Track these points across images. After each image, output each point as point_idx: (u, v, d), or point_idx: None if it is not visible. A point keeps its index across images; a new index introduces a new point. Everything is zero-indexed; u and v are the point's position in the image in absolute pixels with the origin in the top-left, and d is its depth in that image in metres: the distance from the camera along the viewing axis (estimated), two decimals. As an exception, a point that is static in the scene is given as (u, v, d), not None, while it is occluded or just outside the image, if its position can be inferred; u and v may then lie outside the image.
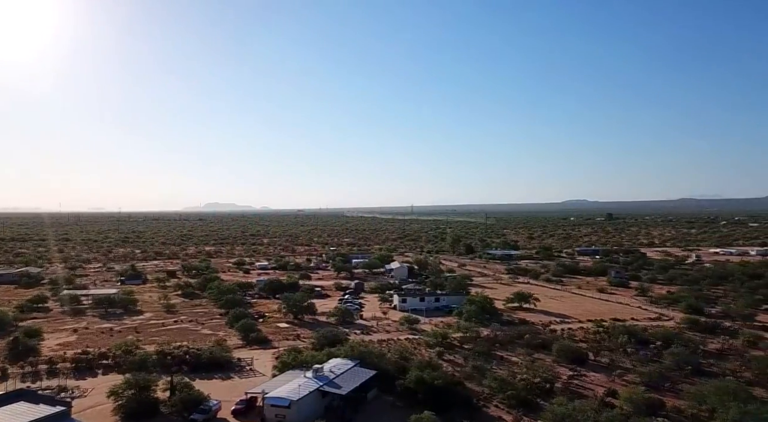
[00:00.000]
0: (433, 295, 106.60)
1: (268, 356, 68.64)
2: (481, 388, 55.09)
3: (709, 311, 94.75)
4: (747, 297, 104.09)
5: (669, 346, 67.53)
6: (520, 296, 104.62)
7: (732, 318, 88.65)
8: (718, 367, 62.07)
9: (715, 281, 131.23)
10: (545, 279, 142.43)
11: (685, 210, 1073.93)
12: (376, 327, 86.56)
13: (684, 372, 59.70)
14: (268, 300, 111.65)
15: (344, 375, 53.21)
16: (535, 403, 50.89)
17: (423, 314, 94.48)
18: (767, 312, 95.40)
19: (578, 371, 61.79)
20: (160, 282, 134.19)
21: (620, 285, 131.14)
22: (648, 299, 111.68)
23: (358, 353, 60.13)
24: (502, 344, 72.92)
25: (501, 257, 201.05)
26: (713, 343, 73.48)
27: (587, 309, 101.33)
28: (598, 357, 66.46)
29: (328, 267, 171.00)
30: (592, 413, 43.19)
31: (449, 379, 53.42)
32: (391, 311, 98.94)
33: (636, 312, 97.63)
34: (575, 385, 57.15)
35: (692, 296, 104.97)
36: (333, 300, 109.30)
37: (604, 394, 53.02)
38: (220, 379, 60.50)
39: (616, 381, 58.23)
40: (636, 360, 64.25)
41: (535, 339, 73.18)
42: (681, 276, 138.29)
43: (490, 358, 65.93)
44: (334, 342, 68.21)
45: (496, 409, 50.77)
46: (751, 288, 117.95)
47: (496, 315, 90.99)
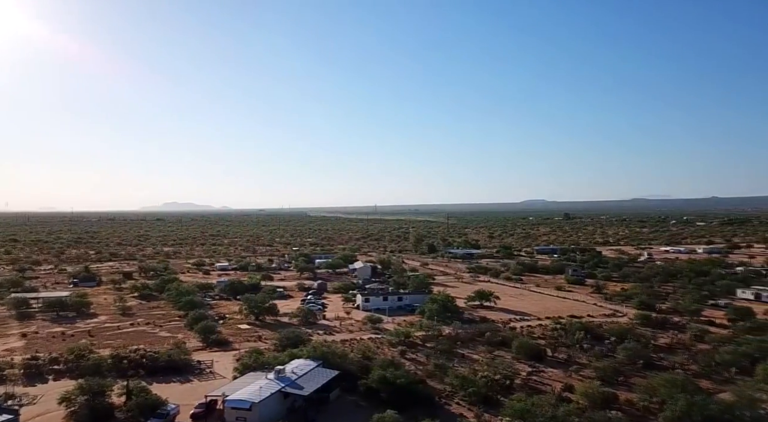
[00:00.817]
0: (396, 294, 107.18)
1: (229, 358, 67.57)
2: (443, 386, 55.80)
3: (659, 307, 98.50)
4: (694, 294, 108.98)
5: (622, 342, 69.86)
6: (481, 294, 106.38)
7: (680, 314, 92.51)
8: (668, 361, 64.73)
9: (665, 278, 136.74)
10: (505, 277, 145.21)
11: (637, 210, 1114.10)
12: (339, 327, 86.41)
13: (636, 367, 62.00)
14: (228, 302, 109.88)
15: (307, 376, 52.94)
16: (495, 400, 51.86)
17: (386, 313, 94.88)
18: (713, 308, 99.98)
19: (537, 367, 63.34)
20: (116, 284, 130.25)
21: (577, 282, 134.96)
22: (603, 296, 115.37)
23: (321, 353, 59.92)
24: (464, 342, 74.04)
25: (462, 256, 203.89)
26: (663, 338, 76.58)
27: (546, 306, 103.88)
28: (556, 354, 68.29)
29: (291, 267, 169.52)
30: (549, 408, 44.35)
31: (412, 378, 53.87)
32: (355, 311, 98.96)
33: (592, 309, 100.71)
34: (534, 381, 58.55)
35: (644, 293, 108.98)
36: (295, 301, 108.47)
37: (561, 389, 54.53)
38: (178, 383, 59.18)
39: (573, 376, 59.96)
40: (592, 355, 66.25)
41: (496, 336, 74.57)
42: (634, 274, 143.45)
43: (452, 356, 66.83)
44: (296, 343, 67.73)
45: (457, 406, 51.53)
46: (698, 284, 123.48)
47: (457, 313, 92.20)
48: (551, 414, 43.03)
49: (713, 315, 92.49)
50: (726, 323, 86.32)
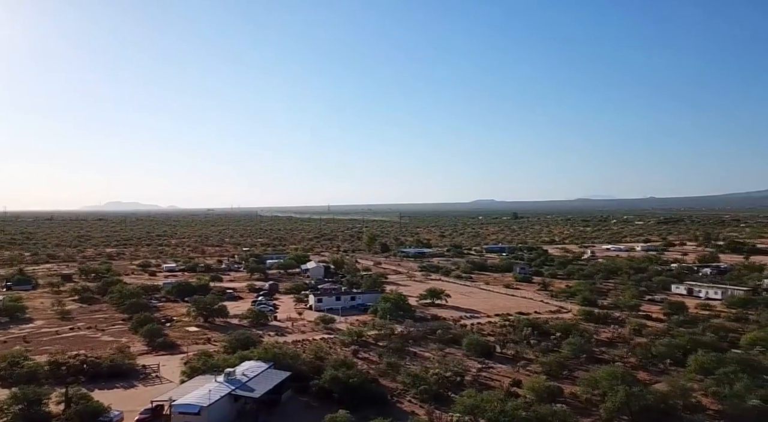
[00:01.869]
0: (349, 294, 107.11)
1: (177, 362, 65.72)
2: (396, 384, 56.29)
3: (601, 303, 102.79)
4: (633, 290, 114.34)
5: (567, 337, 72.47)
6: (432, 293, 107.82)
7: (620, 309, 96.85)
8: (609, 354, 67.57)
9: (607, 275, 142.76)
10: (456, 275, 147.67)
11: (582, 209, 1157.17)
12: (291, 327, 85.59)
13: (580, 361, 64.45)
14: (176, 304, 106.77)
15: (257, 378, 52.19)
16: (446, 396, 52.77)
17: (339, 313, 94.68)
18: (650, 303, 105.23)
19: (486, 364, 64.83)
20: (54, 287, 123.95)
21: (524, 280, 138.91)
22: (549, 293, 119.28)
23: (272, 355, 59.20)
24: (416, 340, 74.87)
25: (414, 255, 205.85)
26: (605, 332, 80.00)
27: (495, 304, 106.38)
28: (505, 350, 70.09)
29: (241, 268, 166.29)
30: (498, 403, 45.47)
31: (364, 377, 54.05)
32: (307, 311, 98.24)
33: (539, 306, 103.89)
34: (483, 377, 59.89)
35: (587, 289, 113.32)
36: (246, 302, 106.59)
37: (509, 385, 56.07)
38: (122, 388, 57.07)
39: (521, 371, 61.73)
40: (538, 351, 68.39)
41: (447, 334, 75.80)
42: (578, 272, 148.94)
43: (404, 354, 67.47)
44: (247, 345, 66.60)
45: (409, 404, 52.09)
46: (636, 281, 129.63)
47: (409, 311, 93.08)
48: (500, 409, 44.13)
49: (650, 310, 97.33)
50: (662, 317, 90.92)
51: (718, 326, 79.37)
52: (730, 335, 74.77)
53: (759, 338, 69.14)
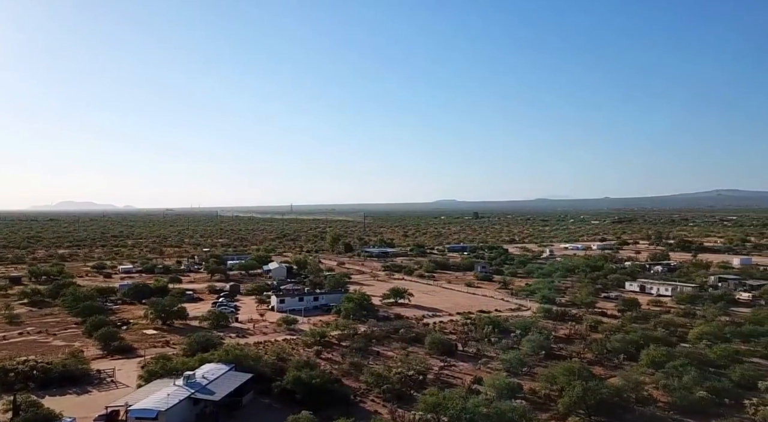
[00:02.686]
0: (312, 295, 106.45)
1: (133, 366, 63.86)
2: (359, 384, 56.32)
3: (559, 300, 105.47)
4: (589, 287, 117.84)
5: (527, 334, 74.08)
6: (395, 292, 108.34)
7: (577, 306, 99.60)
8: (566, 351, 69.43)
9: (564, 273, 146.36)
10: (419, 275, 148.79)
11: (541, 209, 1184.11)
12: (252, 329, 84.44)
13: (539, 357, 65.96)
14: (133, 306, 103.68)
15: (218, 381, 51.29)
16: (409, 395, 53.16)
17: (302, 314, 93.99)
18: (605, 300, 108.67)
19: (448, 362, 65.59)
20: (1, 291, 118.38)
21: (485, 279, 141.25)
22: (509, 291, 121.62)
23: (233, 357, 58.29)
24: (379, 339, 75.07)
25: (378, 255, 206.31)
26: (562, 329, 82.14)
27: (456, 302, 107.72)
28: (466, 348, 71.10)
29: (201, 269, 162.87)
30: (460, 400, 46.12)
31: (327, 377, 53.83)
32: (269, 312, 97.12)
33: (499, 304, 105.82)
34: (446, 375, 60.57)
35: (546, 288, 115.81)
36: (206, 304, 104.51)
37: (471, 382, 56.88)
38: (75, 394, 55.02)
39: (482, 369, 62.73)
40: (499, 348, 69.66)
41: (409, 333, 76.34)
42: (537, 270, 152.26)
43: (367, 354, 67.56)
44: (207, 347, 65.32)
45: (372, 403, 52.21)
46: (592, 279, 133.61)
47: (373, 311, 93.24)
48: (461, 406, 44.75)
49: (605, 307, 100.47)
50: (616, 314, 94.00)
51: (668, 321, 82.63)
52: (679, 330, 78.06)
53: (705, 332, 72.45)
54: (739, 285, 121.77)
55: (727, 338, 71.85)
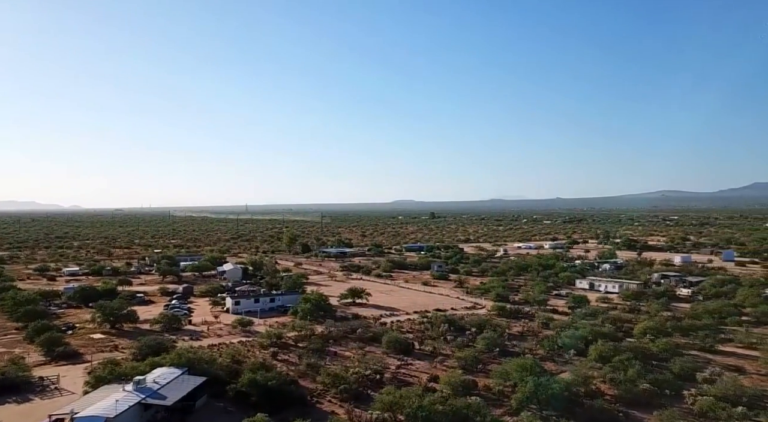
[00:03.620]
0: (268, 296, 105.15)
1: (79, 372, 61.41)
2: (316, 385, 56.09)
3: (513, 298, 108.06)
4: (541, 285, 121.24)
5: (482, 332, 75.66)
6: (353, 292, 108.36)
7: (530, 304, 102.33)
8: (519, 347, 71.22)
9: (518, 272, 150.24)
10: (376, 274, 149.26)
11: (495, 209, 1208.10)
12: (206, 331, 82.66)
13: (493, 354, 67.42)
14: (79, 310, 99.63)
15: (170, 385, 50.02)
16: (366, 395, 53.35)
17: (258, 315, 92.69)
18: (556, 297, 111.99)
19: (405, 360, 66.19)
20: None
21: (442, 278, 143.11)
22: (465, 290, 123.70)
23: (186, 360, 56.88)
24: (336, 339, 74.96)
25: (336, 255, 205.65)
26: (516, 326, 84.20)
27: (414, 301, 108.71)
28: (423, 346, 71.90)
29: (153, 271, 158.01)
30: (416, 398, 46.65)
31: (283, 379, 53.38)
32: (224, 314, 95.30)
33: (455, 302, 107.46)
34: (402, 374, 61.09)
35: (500, 286, 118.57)
36: (158, 306, 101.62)
37: (427, 380, 57.61)
38: (15, 403, 52.43)
39: (438, 367, 63.62)
40: (455, 346, 70.79)
41: (367, 332, 76.56)
42: (491, 269, 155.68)
43: (324, 354, 67.36)
44: (158, 351, 63.53)
45: (329, 404, 52.10)
46: (544, 277, 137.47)
47: (330, 311, 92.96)
48: (418, 405, 45.29)
49: (557, 304, 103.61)
50: (567, 310, 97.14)
51: (615, 317, 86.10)
52: (625, 325, 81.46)
53: (649, 327, 75.88)
54: (680, 281, 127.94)
55: (668, 332, 75.46)
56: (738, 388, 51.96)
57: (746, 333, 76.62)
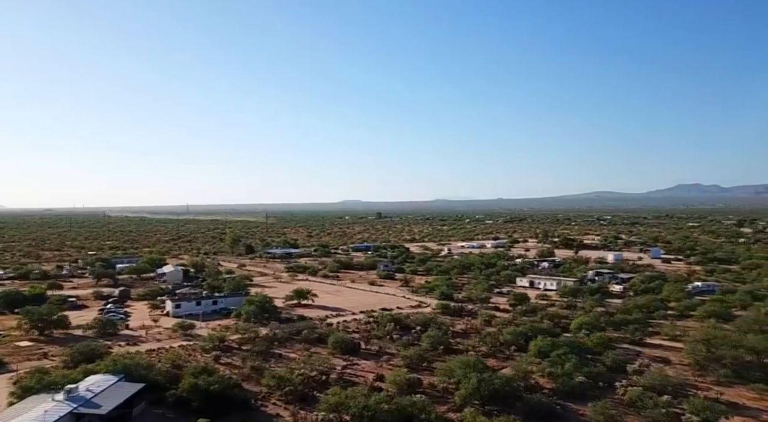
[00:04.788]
0: (211, 298, 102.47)
1: (4, 382, 57.62)
2: (260, 388, 55.23)
3: (456, 296, 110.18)
4: (484, 283, 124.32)
5: (426, 330, 76.76)
6: (298, 293, 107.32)
7: (473, 302, 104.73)
8: (463, 344, 72.73)
9: (461, 270, 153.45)
10: (323, 275, 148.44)
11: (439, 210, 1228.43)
12: (145, 336, 79.58)
13: (438, 352, 68.54)
14: (3, 316, 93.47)
15: (104, 393, 47.85)
16: (312, 396, 53.02)
17: (199, 318, 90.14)
18: (498, 295, 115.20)
19: (351, 360, 66.22)
20: None
21: (388, 277, 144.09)
22: (410, 289, 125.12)
23: (123, 366, 54.58)
24: (281, 341, 74.01)
25: (281, 256, 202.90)
26: (459, 324, 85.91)
27: (360, 301, 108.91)
28: (369, 346, 72.19)
29: (86, 274, 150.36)
30: (362, 398, 46.84)
31: (226, 383, 52.20)
32: (164, 318, 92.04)
33: (401, 301, 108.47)
34: (348, 374, 61.08)
35: (444, 284, 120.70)
36: (92, 311, 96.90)
37: (373, 379, 57.89)
38: (-69, 419, 48.65)
39: (384, 366, 64.05)
40: (400, 345, 71.48)
41: (313, 333, 76.03)
42: (436, 267, 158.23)
43: (269, 357, 66.42)
44: (92, 358, 60.64)
45: (274, 407, 51.42)
46: (487, 275, 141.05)
47: (275, 313, 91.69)
48: (363, 404, 45.49)
49: (498, 302, 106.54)
50: (508, 308, 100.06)
51: (554, 314, 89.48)
52: (562, 321, 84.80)
53: (584, 322, 79.42)
54: (612, 278, 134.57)
55: (602, 327, 79.21)
56: (663, 378, 55.26)
57: (671, 326, 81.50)
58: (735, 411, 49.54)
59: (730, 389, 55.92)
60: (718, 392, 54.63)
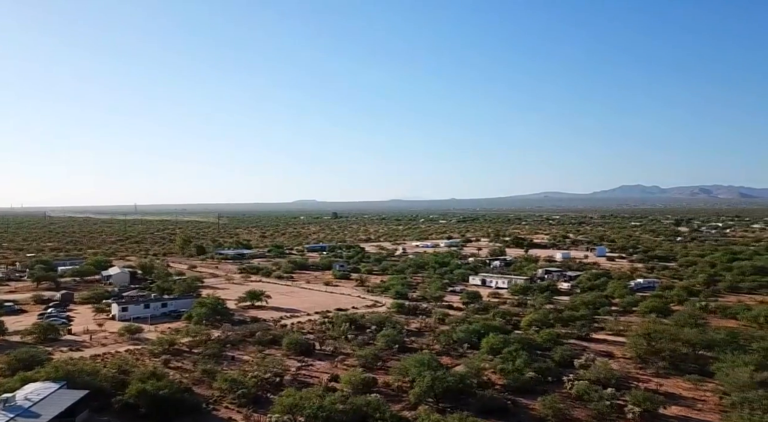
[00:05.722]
0: (160, 301, 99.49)
1: (-68, 394, 54.04)
2: (212, 391, 54.10)
3: (411, 295, 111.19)
4: (437, 282, 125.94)
5: (381, 329, 77.12)
6: (252, 294, 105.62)
7: (427, 300, 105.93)
8: (417, 343, 73.51)
9: (416, 269, 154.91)
10: (277, 276, 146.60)
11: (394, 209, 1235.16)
12: (89, 341, 76.45)
13: (392, 351, 68.98)
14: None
15: (45, 401, 45.66)
16: (265, 398, 52.36)
17: (148, 322, 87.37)
18: (452, 293, 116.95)
19: (306, 361, 65.78)
20: None
21: (344, 277, 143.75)
22: (366, 288, 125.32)
23: (65, 373, 52.24)
24: (234, 344, 72.74)
25: (234, 257, 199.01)
26: (414, 323, 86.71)
27: (315, 301, 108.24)
28: (324, 346, 71.89)
29: (25, 277, 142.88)
30: (316, 399, 46.65)
31: (176, 387, 50.84)
32: (110, 322, 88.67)
33: (356, 301, 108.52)
34: (303, 375, 60.63)
35: (399, 284, 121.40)
36: (32, 316, 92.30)
37: (328, 380, 57.68)
38: None
39: (339, 366, 63.95)
40: (355, 345, 71.53)
41: (266, 335, 75.04)
42: (391, 267, 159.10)
43: (221, 360, 65.13)
44: (31, 365, 57.75)
45: (226, 410, 50.48)
46: (441, 274, 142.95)
47: (228, 315, 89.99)
48: (318, 405, 45.31)
49: (452, 300, 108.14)
50: (461, 306, 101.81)
51: (505, 311, 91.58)
52: (513, 318, 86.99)
53: (534, 319, 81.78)
54: (561, 276, 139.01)
55: (551, 323, 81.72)
56: (608, 372, 57.63)
57: (615, 322, 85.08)
58: (672, 401, 52.25)
59: (668, 380, 58.92)
60: (658, 383, 57.51)
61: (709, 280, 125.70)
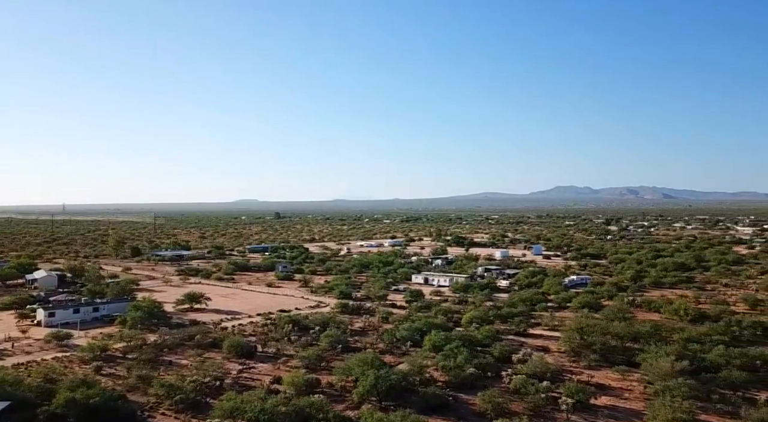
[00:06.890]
0: (91, 305, 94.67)
1: None
2: (148, 398, 52.12)
3: (355, 295, 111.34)
4: (381, 281, 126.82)
5: (325, 329, 76.82)
6: (190, 297, 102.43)
7: (371, 299, 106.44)
8: (361, 342, 73.74)
9: (360, 269, 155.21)
10: (217, 278, 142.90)
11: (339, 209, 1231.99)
12: (11, 349, 71.71)
13: (336, 351, 68.87)
14: None
15: (-38, 416, 42.58)
16: (205, 403, 51.01)
17: (77, 327, 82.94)
18: (395, 292, 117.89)
19: (247, 364, 64.57)
20: None
21: (287, 278, 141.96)
22: (309, 289, 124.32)
23: (-16, 384, 48.89)
24: (171, 348, 70.34)
25: (171, 258, 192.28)
26: (358, 322, 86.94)
27: (257, 303, 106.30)
28: (266, 348, 70.80)
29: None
30: (258, 401, 45.92)
31: (108, 395, 48.62)
32: (35, 328, 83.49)
33: (300, 302, 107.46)
34: (244, 378, 59.51)
35: (343, 283, 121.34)
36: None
37: (270, 382, 56.85)
38: None
39: (281, 368, 63.16)
40: (299, 346, 70.86)
41: (206, 338, 73.04)
42: (336, 267, 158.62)
43: (158, 365, 62.85)
44: (-55, 377, 53.51)
45: (163, 417, 48.81)
46: (384, 273, 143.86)
47: (165, 318, 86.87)
48: (260, 408, 44.62)
49: (395, 299, 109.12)
50: (404, 304, 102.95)
51: (447, 309, 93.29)
52: (454, 316, 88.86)
53: (474, 316, 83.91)
54: (500, 274, 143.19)
55: (490, 320, 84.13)
56: (543, 366, 59.99)
57: (550, 317, 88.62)
58: (602, 392, 55.08)
59: (598, 372, 62.05)
60: (589, 375, 60.45)
61: (635, 276, 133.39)
